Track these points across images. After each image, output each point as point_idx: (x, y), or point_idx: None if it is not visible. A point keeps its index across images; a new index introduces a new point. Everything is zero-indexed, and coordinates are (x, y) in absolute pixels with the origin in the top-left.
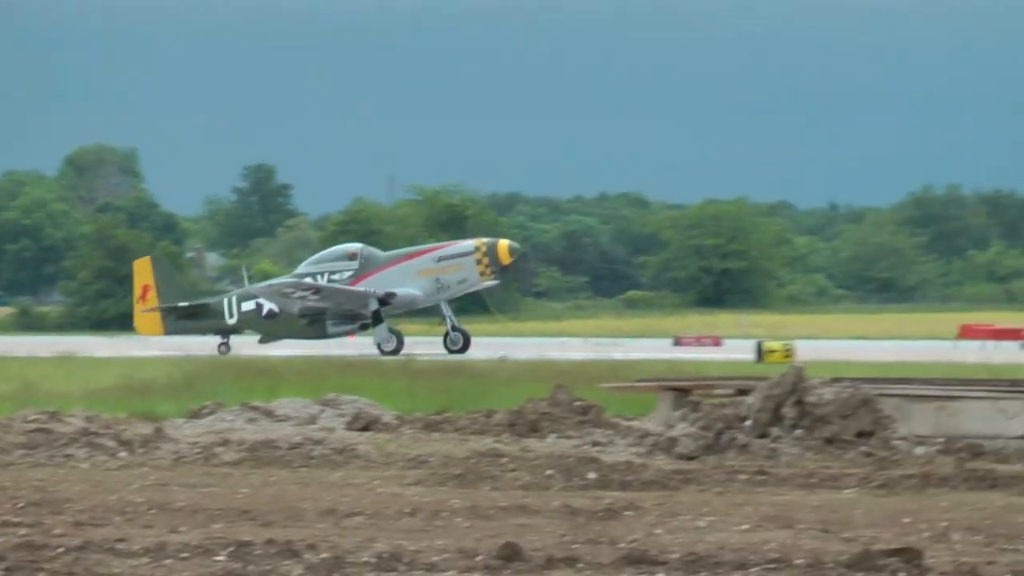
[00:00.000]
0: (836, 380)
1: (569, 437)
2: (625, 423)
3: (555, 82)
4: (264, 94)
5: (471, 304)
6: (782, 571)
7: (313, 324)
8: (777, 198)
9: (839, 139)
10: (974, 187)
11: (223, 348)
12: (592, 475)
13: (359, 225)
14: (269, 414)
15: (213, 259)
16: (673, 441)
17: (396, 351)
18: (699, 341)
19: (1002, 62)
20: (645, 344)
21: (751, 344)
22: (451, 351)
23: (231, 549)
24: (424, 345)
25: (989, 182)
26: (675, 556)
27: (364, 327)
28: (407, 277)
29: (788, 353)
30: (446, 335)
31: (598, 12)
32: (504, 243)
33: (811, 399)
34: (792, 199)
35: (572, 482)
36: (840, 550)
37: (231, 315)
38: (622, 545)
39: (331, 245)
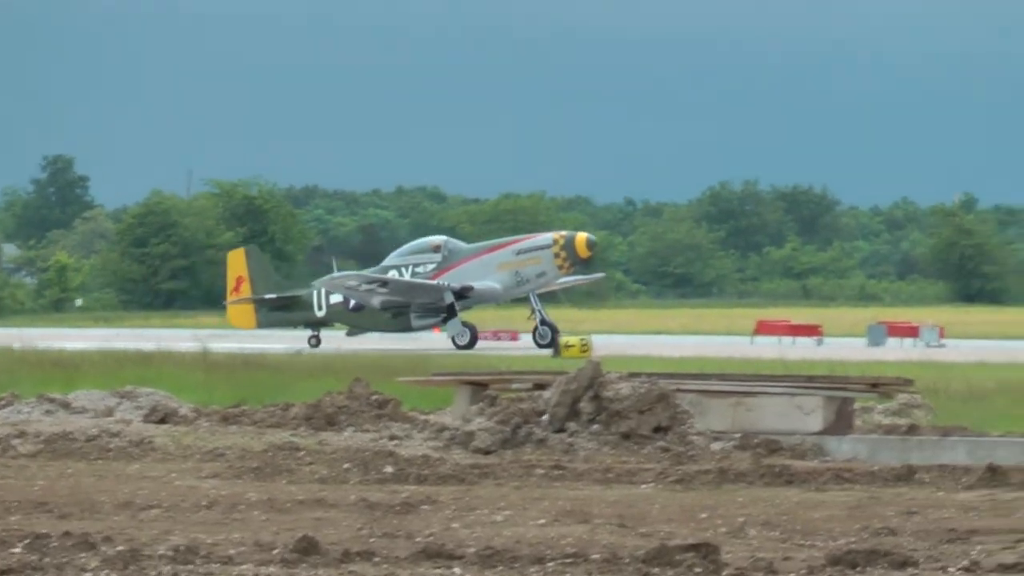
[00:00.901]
0: (633, 375)
1: (366, 431)
2: (422, 417)
3: (352, 75)
4: (63, 85)
5: None
6: (579, 566)
7: (397, 317)
8: (575, 193)
9: (637, 134)
10: (771, 183)
11: (313, 341)
12: (389, 469)
13: (157, 217)
14: (66, 406)
15: (10, 250)
16: (470, 435)
17: (470, 345)
18: (496, 335)
19: (797, 59)
20: (441, 337)
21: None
22: (540, 345)
23: (27, 541)
24: (219, 338)
25: (786, 178)
26: (472, 550)
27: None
28: (488, 270)
29: (585, 348)
30: (535, 329)
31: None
32: (582, 236)
33: (608, 394)
34: (590, 194)
35: (369, 476)
36: (637, 545)
37: (320, 307)
38: (419, 539)
39: (128, 236)
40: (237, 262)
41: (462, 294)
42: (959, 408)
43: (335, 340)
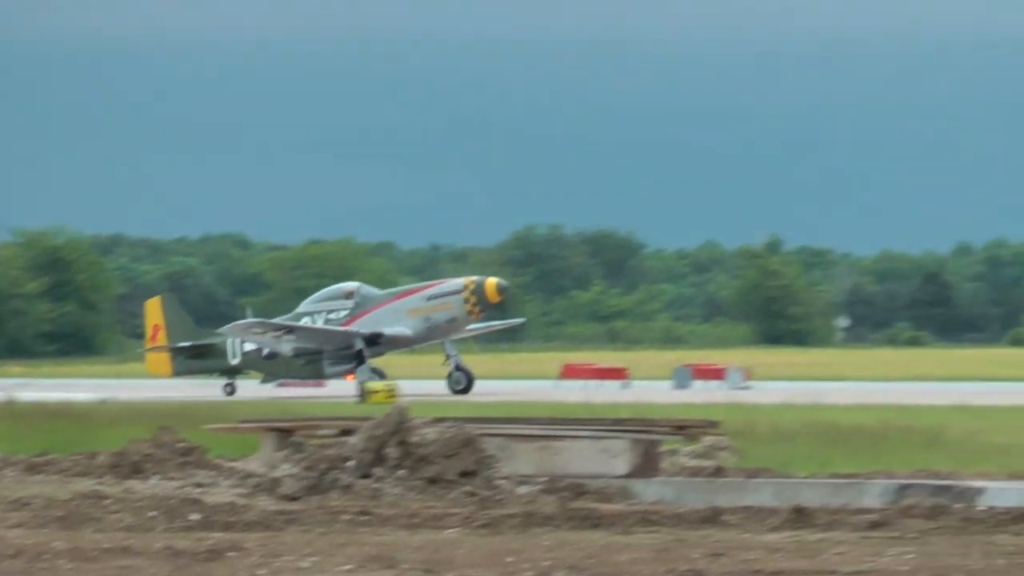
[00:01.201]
0: (439, 420)
1: (172, 478)
2: (228, 464)
3: (155, 120)
4: None
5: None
6: None
7: (310, 364)
8: (381, 238)
9: (441, 179)
10: (576, 226)
11: (228, 389)
12: (195, 516)
13: None
14: None
15: None
16: (276, 482)
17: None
18: (303, 382)
19: (600, 100)
20: (250, 384)
21: (354, 385)
22: (455, 391)
23: None
24: (26, 388)
25: (591, 222)
26: None
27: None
28: (399, 316)
29: (392, 393)
30: (449, 375)
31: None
32: (492, 281)
33: (414, 439)
34: (396, 239)
35: (175, 523)
36: None
37: (234, 355)
38: None
39: None
40: (154, 310)
41: (373, 340)
42: (765, 450)
43: (250, 389)
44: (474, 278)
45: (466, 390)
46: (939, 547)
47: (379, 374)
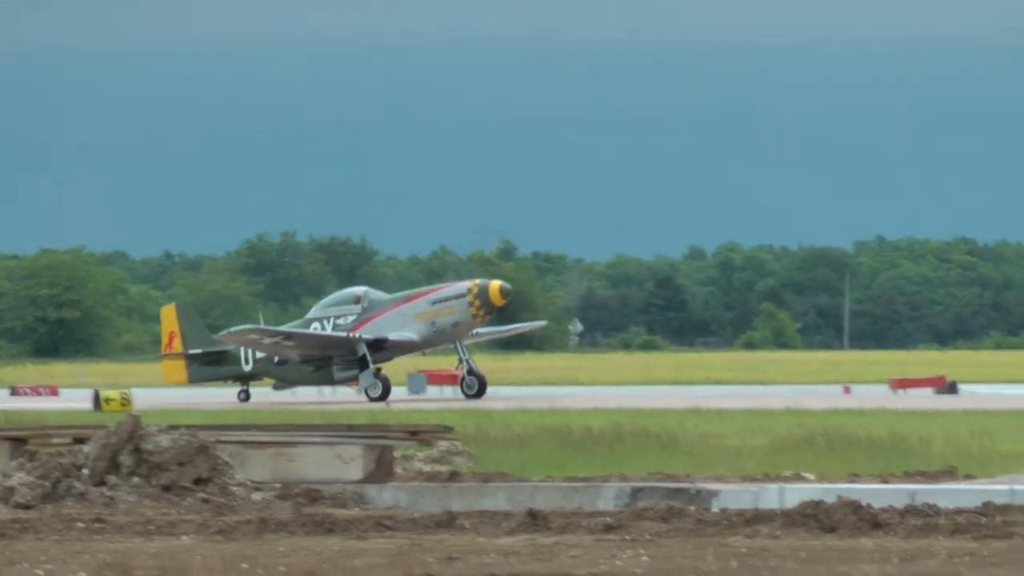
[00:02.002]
0: (173, 428)
1: None
2: None
3: None
4: None
5: None
6: None
7: (320, 370)
8: (113, 247)
9: (174, 187)
10: (309, 234)
11: (242, 395)
12: None
13: None
14: None
15: None
16: (10, 491)
17: (382, 397)
18: (36, 391)
19: (331, 107)
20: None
21: (89, 393)
22: (467, 395)
23: None
24: None
25: (324, 229)
26: None
27: (378, 371)
28: (405, 320)
29: (126, 402)
30: (462, 380)
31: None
32: (496, 284)
33: (148, 447)
34: (128, 248)
35: None
36: None
37: (247, 361)
38: None
39: None
40: (169, 318)
41: (378, 345)
42: (500, 454)
43: (264, 395)
44: (478, 281)
45: (479, 394)
46: (673, 549)
47: (382, 380)
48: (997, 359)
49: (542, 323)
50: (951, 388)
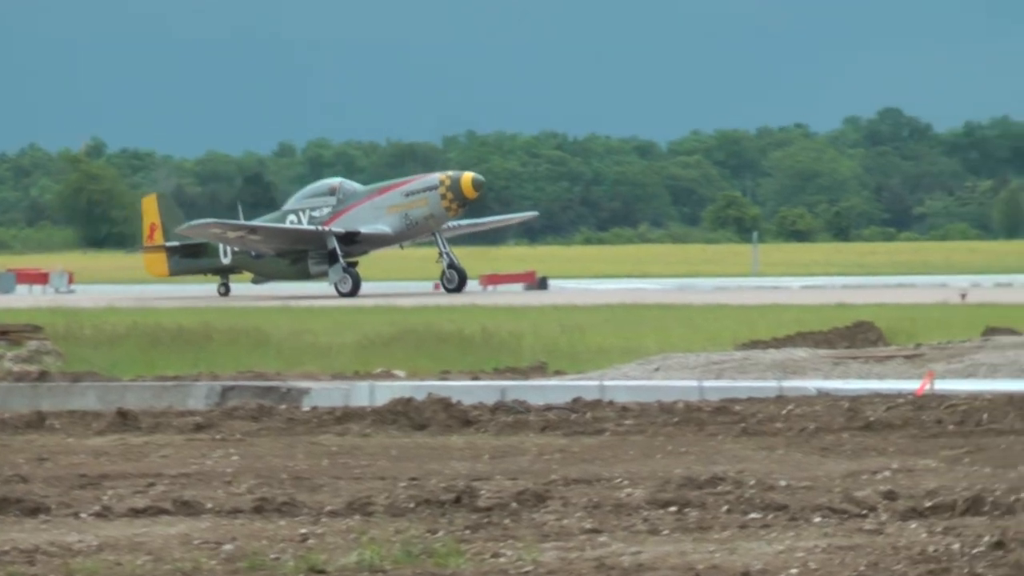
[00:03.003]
0: None
1: None
2: None
3: None
4: None
5: None
6: None
7: (295, 264)
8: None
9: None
10: None
11: (222, 289)
12: None
13: None
14: None
15: None
16: None
17: (353, 292)
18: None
19: None
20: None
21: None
22: (448, 290)
23: None
24: None
25: None
26: None
27: (352, 265)
28: (379, 213)
29: None
30: (442, 273)
31: None
32: (468, 176)
33: None
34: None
35: None
36: None
37: (225, 254)
38: None
39: None
40: (150, 209)
41: (349, 239)
42: (89, 354)
43: (243, 288)
44: (450, 173)
45: (459, 288)
46: (264, 448)
47: (351, 274)
48: (587, 254)
49: (534, 213)
50: (541, 284)
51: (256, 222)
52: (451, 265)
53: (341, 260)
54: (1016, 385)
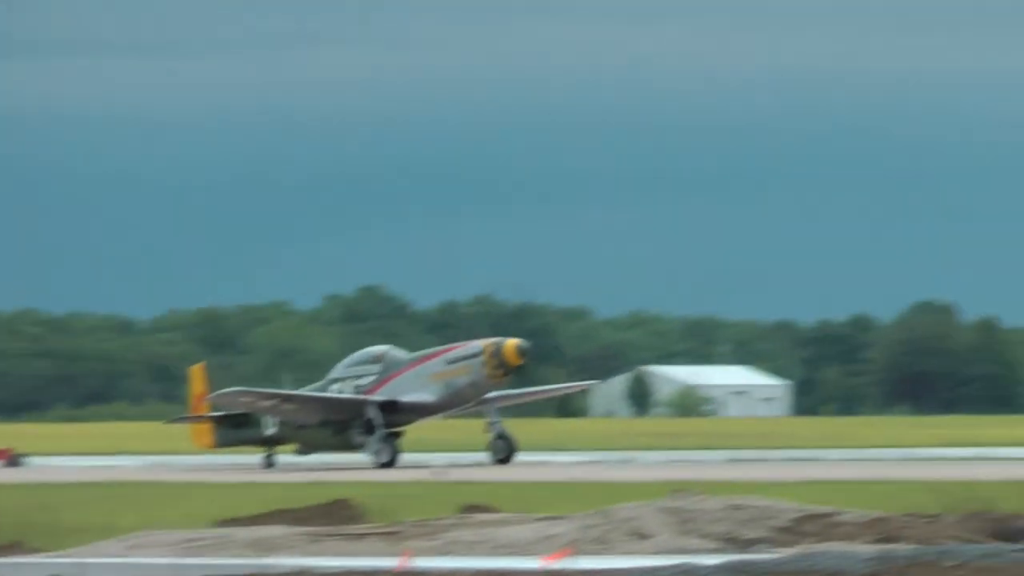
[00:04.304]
0: None
1: None
2: None
3: None
4: None
5: None
6: None
7: (339, 434)
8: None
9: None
10: None
11: (267, 461)
12: None
13: None
14: None
15: None
16: None
17: (390, 463)
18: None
19: None
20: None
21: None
22: (496, 460)
23: None
24: None
25: None
26: None
27: (397, 436)
28: (422, 381)
29: None
30: (490, 443)
31: None
32: (511, 343)
33: None
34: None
35: None
36: None
37: (269, 424)
38: None
39: None
40: (198, 378)
41: (390, 408)
42: None
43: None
44: (493, 340)
45: (507, 459)
46: None
47: (390, 445)
48: (64, 431)
49: (591, 383)
50: (15, 461)
51: (290, 391)
52: (501, 435)
53: (379, 430)
54: (493, 562)
